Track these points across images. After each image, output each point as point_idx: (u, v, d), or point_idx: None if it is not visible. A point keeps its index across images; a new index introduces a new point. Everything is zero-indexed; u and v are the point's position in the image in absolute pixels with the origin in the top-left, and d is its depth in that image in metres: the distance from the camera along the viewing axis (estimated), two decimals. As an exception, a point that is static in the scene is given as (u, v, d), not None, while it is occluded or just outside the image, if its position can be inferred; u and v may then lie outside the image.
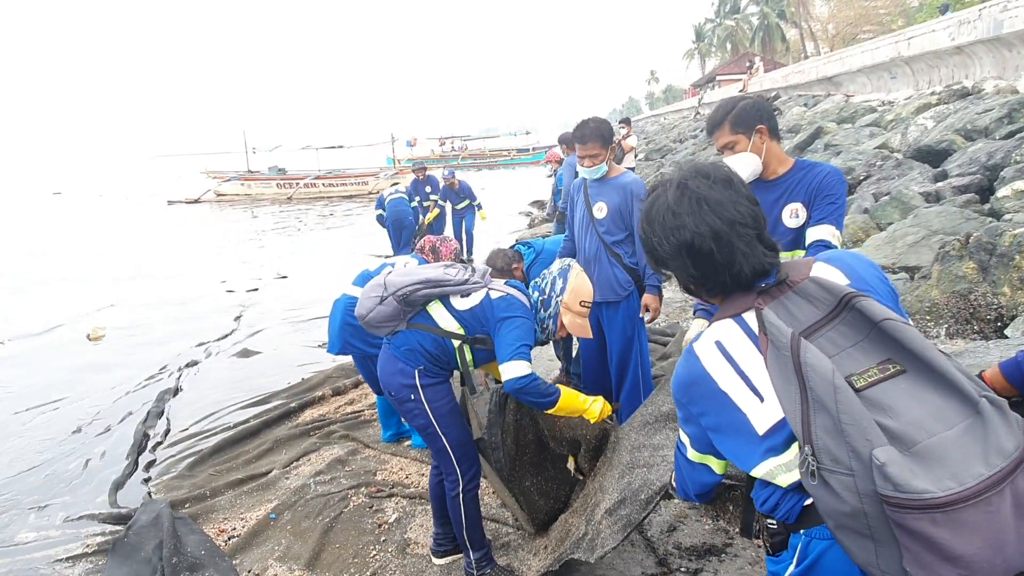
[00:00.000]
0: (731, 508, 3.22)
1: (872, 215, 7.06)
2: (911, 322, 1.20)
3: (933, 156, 8.56)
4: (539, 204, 17.13)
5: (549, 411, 2.57)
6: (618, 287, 3.69)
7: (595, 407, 2.64)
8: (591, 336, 2.72)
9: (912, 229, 5.93)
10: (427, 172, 11.12)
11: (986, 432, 1.04)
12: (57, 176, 52.80)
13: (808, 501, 1.21)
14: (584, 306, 2.62)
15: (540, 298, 2.62)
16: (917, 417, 1.08)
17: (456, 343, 2.58)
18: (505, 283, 2.64)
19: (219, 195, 26.19)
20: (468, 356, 2.62)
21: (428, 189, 10.81)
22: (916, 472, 1.01)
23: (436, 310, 2.59)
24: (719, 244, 1.30)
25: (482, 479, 3.04)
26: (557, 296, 2.60)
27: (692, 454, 1.50)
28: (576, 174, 7.12)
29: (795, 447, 1.20)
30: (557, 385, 2.55)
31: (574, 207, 3.86)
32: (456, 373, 2.74)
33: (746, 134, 2.43)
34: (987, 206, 6.24)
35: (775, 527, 1.33)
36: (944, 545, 0.98)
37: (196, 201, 25.06)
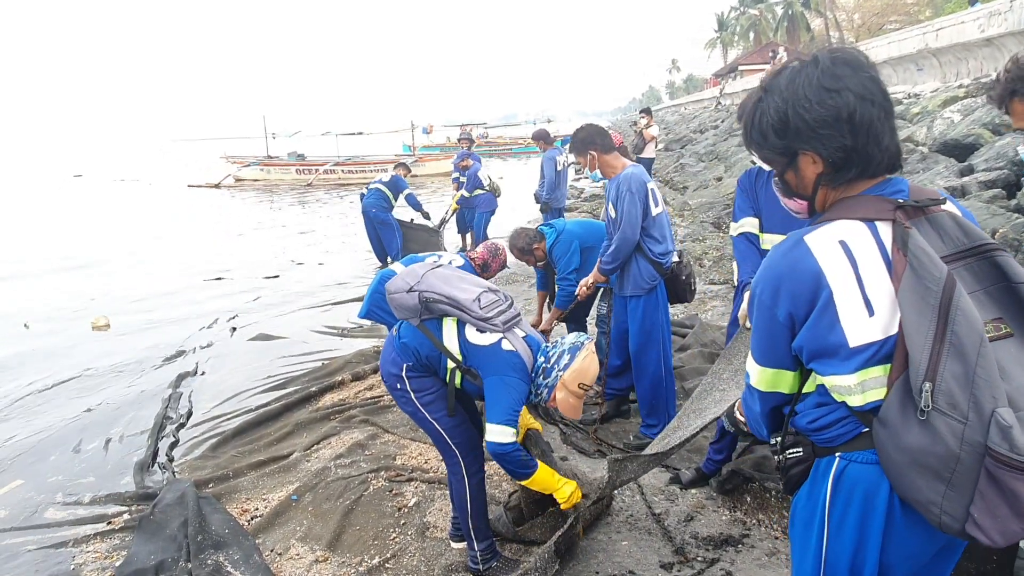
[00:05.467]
0: (748, 500, 3.25)
1: (896, 209, 6.97)
2: None
3: (959, 150, 8.43)
4: None
5: (522, 482, 2.62)
6: (642, 281, 3.75)
7: (566, 489, 2.65)
8: (579, 417, 2.70)
9: (936, 224, 5.86)
10: (472, 145, 10.18)
11: None
12: (78, 158, 53.36)
13: (865, 429, 1.24)
14: (582, 388, 2.54)
15: (544, 364, 2.56)
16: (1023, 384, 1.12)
17: (451, 364, 2.61)
18: (524, 338, 2.60)
19: (239, 180, 26.35)
20: (457, 380, 2.64)
21: (462, 170, 9.94)
22: None
23: (448, 327, 2.59)
24: (878, 112, 1.25)
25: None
26: (559, 371, 2.53)
27: (757, 374, 1.40)
28: (555, 168, 8.10)
29: (875, 370, 1.20)
30: (537, 461, 2.62)
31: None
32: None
33: None
34: (1014, 202, 6.15)
35: (799, 454, 1.35)
36: None
37: (217, 186, 25.24)
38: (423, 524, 3.28)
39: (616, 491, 3.37)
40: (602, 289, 4.34)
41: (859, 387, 1.21)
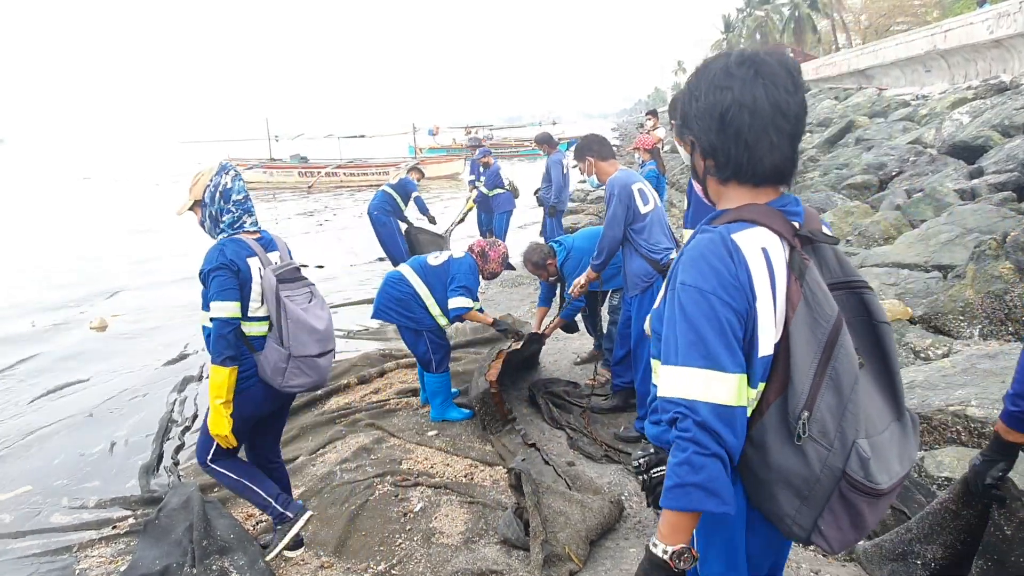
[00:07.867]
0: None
1: (905, 212, 6.93)
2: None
3: (968, 152, 8.39)
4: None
5: None
6: (637, 279, 3.89)
7: None
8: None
9: (946, 227, 5.81)
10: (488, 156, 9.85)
11: (905, 440, 1.30)
12: (88, 161, 53.58)
13: None
14: None
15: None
16: (870, 413, 1.25)
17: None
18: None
19: (242, 183, 26.32)
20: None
21: (481, 168, 9.93)
22: (878, 466, 1.21)
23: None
24: (753, 122, 1.26)
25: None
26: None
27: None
28: (562, 171, 8.41)
29: (762, 386, 1.26)
30: None
31: None
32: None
33: None
34: (1024, 204, 6.10)
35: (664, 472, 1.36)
36: (864, 519, 1.23)
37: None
38: (429, 530, 3.25)
39: (624, 497, 3.35)
40: (611, 291, 4.76)
41: (752, 403, 1.26)
